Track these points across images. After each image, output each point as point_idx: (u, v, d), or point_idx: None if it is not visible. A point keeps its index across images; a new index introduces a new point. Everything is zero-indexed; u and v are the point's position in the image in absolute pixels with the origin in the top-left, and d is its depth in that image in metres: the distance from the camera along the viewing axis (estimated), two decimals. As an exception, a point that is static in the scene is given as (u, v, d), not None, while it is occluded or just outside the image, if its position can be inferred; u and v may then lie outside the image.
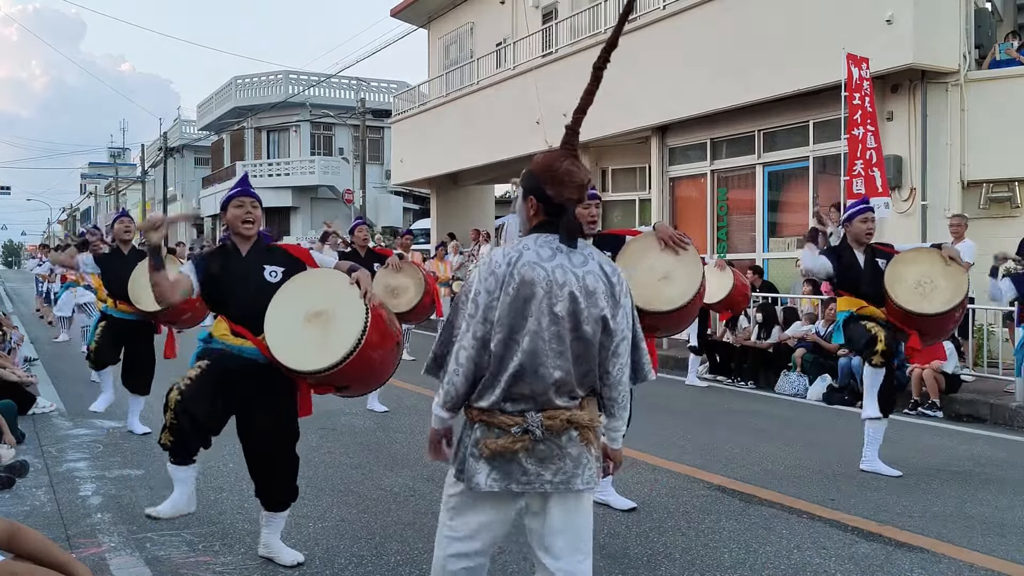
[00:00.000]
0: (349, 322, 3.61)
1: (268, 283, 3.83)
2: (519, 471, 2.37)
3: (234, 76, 36.93)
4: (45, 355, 12.26)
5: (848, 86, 10.42)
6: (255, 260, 3.90)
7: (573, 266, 2.36)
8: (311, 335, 3.67)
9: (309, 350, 3.64)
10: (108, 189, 59.27)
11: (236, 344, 3.82)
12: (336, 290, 3.72)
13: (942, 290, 5.56)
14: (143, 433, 6.84)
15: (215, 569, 3.97)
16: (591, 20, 16.69)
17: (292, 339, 3.69)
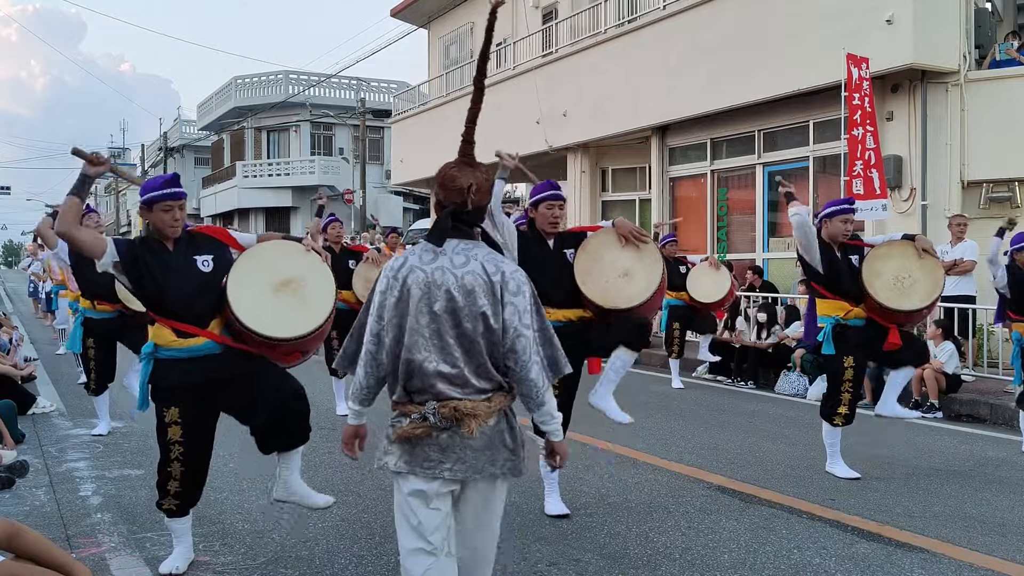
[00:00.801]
0: (321, 285, 3.84)
1: (203, 273, 3.75)
2: (423, 457, 2.56)
3: (234, 76, 36.93)
4: (45, 355, 12.26)
5: (848, 86, 10.42)
6: (184, 253, 3.76)
7: (454, 267, 2.55)
8: (287, 302, 3.78)
9: (289, 316, 3.75)
10: (108, 189, 59.26)
11: (185, 346, 3.67)
12: (296, 258, 3.89)
13: (921, 285, 5.54)
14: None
15: (215, 569, 3.97)
16: (591, 20, 16.69)
17: (267, 310, 3.73)
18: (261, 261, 3.85)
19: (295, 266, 3.84)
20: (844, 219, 5.68)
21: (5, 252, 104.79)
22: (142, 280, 3.70)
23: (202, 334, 3.69)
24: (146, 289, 3.71)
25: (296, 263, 3.86)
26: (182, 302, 3.68)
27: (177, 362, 3.68)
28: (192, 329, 3.68)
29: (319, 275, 3.85)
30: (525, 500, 5.06)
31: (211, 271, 3.76)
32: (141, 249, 3.72)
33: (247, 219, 36.53)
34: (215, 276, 3.76)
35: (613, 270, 4.68)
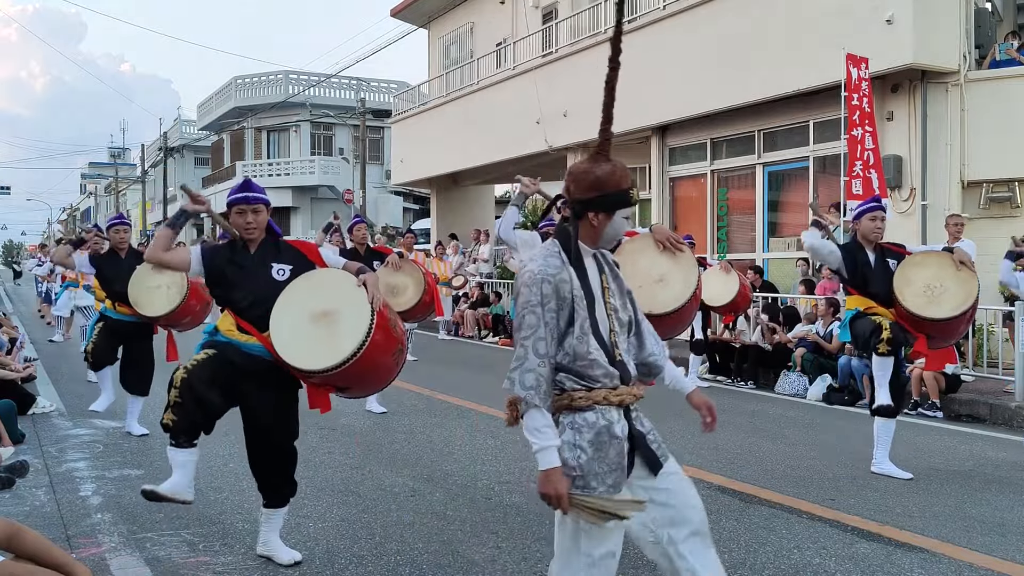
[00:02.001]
0: (354, 323, 3.65)
1: (275, 281, 3.85)
2: None
3: (234, 76, 36.94)
4: (45, 355, 12.26)
5: (848, 86, 10.42)
6: (263, 257, 3.91)
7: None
8: (316, 334, 3.70)
9: (313, 349, 3.66)
10: (108, 189, 59.27)
11: (241, 340, 3.83)
12: (343, 291, 3.76)
13: (952, 295, 5.48)
14: (141, 435, 6.82)
15: (215, 569, 3.97)
16: (591, 20, 16.70)
17: (297, 337, 3.71)
18: (311, 286, 3.84)
19: (338, 298, 3.76)
20: (872, 216, 5.70)
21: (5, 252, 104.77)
22: (213, 276, 3.90)
23: (258, 336, 3.80)
24: (217, 285, 3.92)
25: (341, 296, 3.76)
26: (246, 302, 3.84)
27: (230, 345, 3.84)
28: (251, 329, 3.81)
29: (357, 312, 3.69)
30: (525, 500, 5.06)
31: (284, 280, 3.86)
32: (225, 250, 3.97)
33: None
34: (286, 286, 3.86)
35: (648, 275, 4.61)
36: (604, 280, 2.61)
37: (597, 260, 2.63)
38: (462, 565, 4.01)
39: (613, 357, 2.55)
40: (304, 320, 3.73)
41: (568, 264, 2.53)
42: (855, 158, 10.51)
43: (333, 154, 35.39)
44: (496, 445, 6.60)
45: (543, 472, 2.42)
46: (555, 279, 2.48)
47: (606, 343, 2.55)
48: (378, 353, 3.69)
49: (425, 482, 5.49)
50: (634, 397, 2.59)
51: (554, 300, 2.47)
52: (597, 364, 2.51)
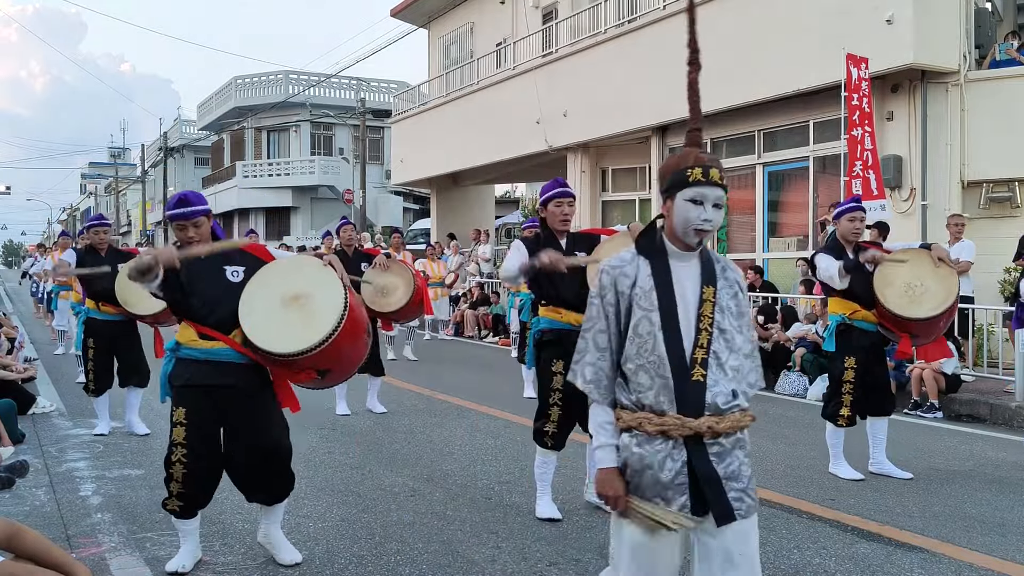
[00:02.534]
0: (329, 302, 3.67)
1: (231, 283, 3.81)
2: None
3: (234, 76, 36.95)
4: (45, 355, 12.26)
5: (848, 86, 10.42)
6: (213, 261, 3.83)
7: None
8: (291, 317, 3.69)
9: (290, 332, 3.64)
10: (108, 189, 59.26)
11: (206, 347, 3.76)
12: (310, 273, 3.79)
13: (932, 293, 5.43)
14: (144, 434, 6.81)
15: (215, 569, 3.98)
16: (591, 20, 16.70)
17: (271, 323, 3.69)
18: (276, 275, 3.83)
19: (307, 281, 3.77)
20: (851, 217, 5.69)
21: (5, 252, 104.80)
22: (167, 284, 3.78)
23: (223, 339, 3.74)
24: (172, 292, 3.81)
25: (309, 278, 3.78)
26: (205, 307, 3.78)
27: (194, 362, 3.77)
28: (214, 333, 3.75)
29: (329, 290, 3.71)
30: (525, 500, 5.06)
31: (239, 281, 3.83)
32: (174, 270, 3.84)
33: (247, 219, 36.53)
34: (243, 287, 3.82)
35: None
36: (709, 291, 2.34)
37: (708, 268, 2.38)
38: (462, 565, 4.01)
39: (686, 376, 2.29)
40: (276, 307, 3.71)
41: (641, 258, 2.37)
42: (855, 158, 10.51)
43: (333, 154, 35.39)
44: (496, 445, 6.60)
45: (598, 471, 2.38)
46: (615, 271, 2.36)
47: (680, 357, 2.29)
48: (355, 331, 3.72)
49: (425, 482, 5.49)
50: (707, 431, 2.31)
51: (611, 292, 2.35)
52: (644, 373, 2.30)
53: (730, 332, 2.36)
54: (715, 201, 2.32)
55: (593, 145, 16.91)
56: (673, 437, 2.30)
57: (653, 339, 2.29)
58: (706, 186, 2.30)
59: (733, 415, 2.40)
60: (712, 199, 2.31)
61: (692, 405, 2.30)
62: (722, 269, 2.42)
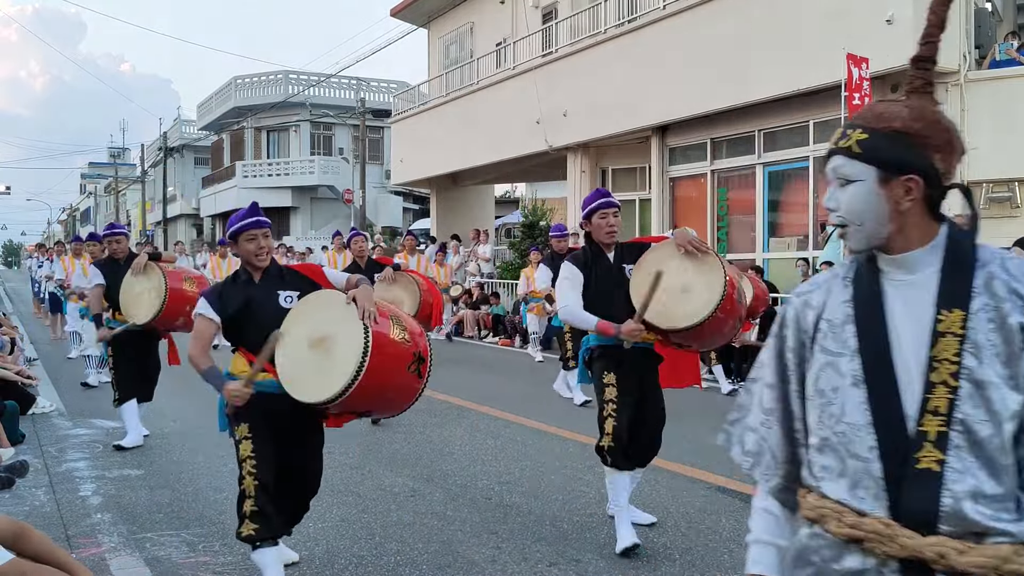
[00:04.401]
0: (350, 347, 3.33)
1: (284, 309, 3.61)
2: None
3: (234, 76, 36.95)
4: (45, 355, 12.25)
5: (848, 86, 10.42)
6: (269, 286, 3.68)
7: None
8: (316, 363, 3.43)
9: (315, 379, 3.40)
10: (108, 189, 59.28)
11: (257, 380, 3.52)
12: (335, 312, 3.45)
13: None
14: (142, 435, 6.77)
15: (215, 569, 3.97)
16: (591, 20, 16.70)
17: (299, 369, 3.45)
18: (306, 312, 3.56)
19: (332, 321, 3.44)
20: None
21: (5, 252, 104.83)
22: (227, 321, 3.64)
23: (273, 373, 3.48)
24: (230, 327, 3.67)
25: (333, 317, 3.44)
26: (259, 335, 3.50)
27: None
28: (267, 367, 3.48)
29: (351, 332, 3.35)
30: (525, 500, 5.06)
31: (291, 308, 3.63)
32: (229, 288, 3.72)
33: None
34: None
35: (671, 288, 4.10)
36: (954, 318, 1.41)
37: (955, 278, 1.47)
38: (462, 565, 4.01)
39: (905, 461, 1.37)
40: (303, 349, 3.45)
41: (842, 279, 1.55)
42: (855, 158, 10.50)
43: (333, 154, 35.39)
44: (496, 445, 6.60)
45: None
46: (798, 301, 1.60)
47: (896, 428, 1.40)
48: (384, 371, 3.38)
49: (425, 482, 5.49)
50: (939, 562, 1.33)
51: (793, 331, 1.58)
52: (831, 452, 1.46)
53: (992, 387, 1.36)
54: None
55: (593, 145, 16.90)
56: (876, 555, 1.39)
57: (842, 399, 1.45)
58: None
59: (997, 545, 1.32)
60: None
61: (915, 511, 1.36)
62: (987, 278, 1.45)
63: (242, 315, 3.64)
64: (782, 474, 1.61)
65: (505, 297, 16.35)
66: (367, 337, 3.31)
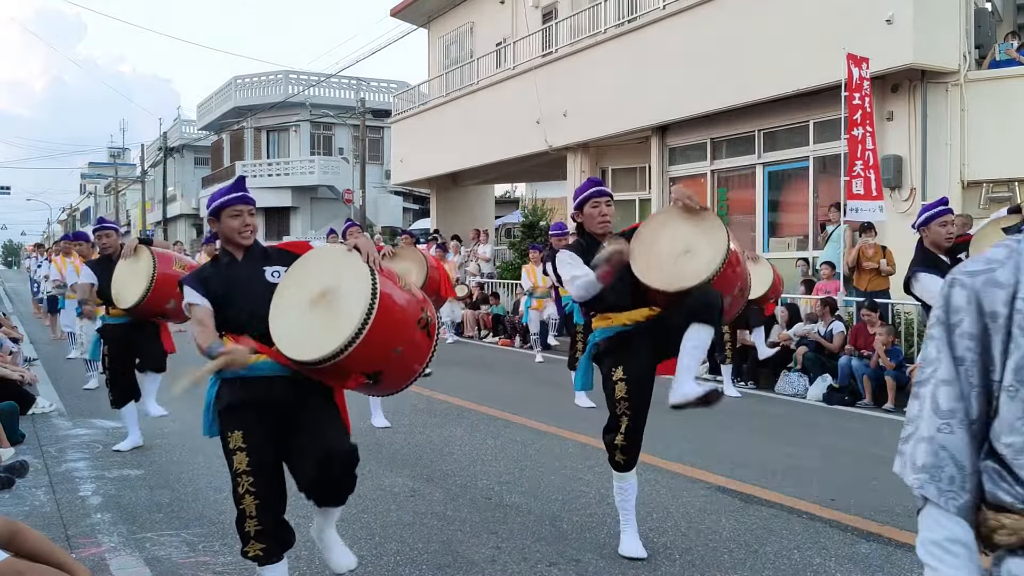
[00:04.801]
0: (355, 294, 3.06)
1: (271, 284, 3.36)
2: None
3: (234, 76, 36.96)
4: (45, 355, 12.25)
5: (848, 86, 10.42)
6: (253, 264, 3.44)
7: None
8: (318, 317, 3.15)
9: (317, 334, 3.10)
10: (108, 189, 59.27)
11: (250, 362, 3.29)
12: (336, 262, 3.22)
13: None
14: (160, 415, 6.73)
15: (215, 569, 3.97)
16: (591, 20, 16.70)
17: (300, 326, 3.19)
18: (303, 271, 3.33)
19: (332, 273, 3.20)
20: (942, 222, 5.07)
21: (5, 252, 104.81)
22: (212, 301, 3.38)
23: (267, 352, 3.25)
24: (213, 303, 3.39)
25: (334, 269, 3.20)
26: (244, 315, 3.33)
27: (240, 380, 3.31)
28: (259, 346, 3.26)
29: (355, 280, 3.10)
30: (525, 500, 5.06)
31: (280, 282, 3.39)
32: (211, 270, 3.50)
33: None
34: None
35: (672, 252, 4.02)
36: None
37: None
38: (462, 565, 4.01)
39: None
40: (304, 307, 3.20)
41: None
42: (855, 158, 10.51)
43: (333, 154, 35.40)
44: (496, 445, 6.60)
45: None
46: (973, 281, 1.38)
47: None
48: (394, 320, 3.11)
49: (425, 482, 5.49)
50: None
51: (970, 317, 1.37)
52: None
53: None
54: None
55: (593, 145, 16.90)
56: None
57: None
58: None
59: None
60: None
61: None
62: None
63: (227, 296, 3.38)
64: (970, 488, 1.35)
65: (505, 297, 16.34)
66: (374, 279, 3.06)
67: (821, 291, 10.65)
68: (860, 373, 8.85)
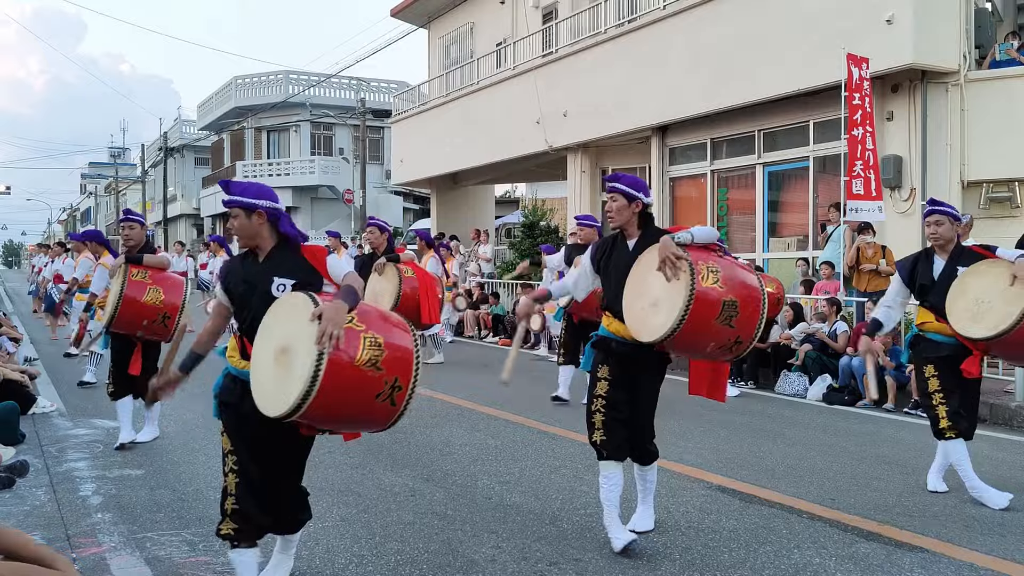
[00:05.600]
0: (303, 366, 3.05)
1: (272, 297, 3.40)
2: None
3: (234, 76, 36.98)
4: (45, 355, 12.25)
5: (848, 86, 10.42)
6: (268, 270, 3.47)
7: None
8: (277, 373, 3.20)
9: (272, 390, 3.19)
10: (108, 189, 59.28)
11: (240, 368, 3.47)
12: (300, 325, 3.13)
13: (995, 312, 4.79)
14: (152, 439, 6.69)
15: (215, 569, 3.98)
16: (591, 20, 16.70)
17: (263, 376, 3.26)
18: (277, 317, 3.32)
19: (296, 333, 3.15)
20: (927, 222, 5.28)
21: (5, 252, 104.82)
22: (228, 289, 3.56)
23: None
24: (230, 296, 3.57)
25: (299, 330, 3.14)
26: (247, 322, 3.44)
27: (232, 378, 3.52)
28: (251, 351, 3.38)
29: (308, 352, 3.06)
30: (525, 500, 5.06)
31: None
32: (237, 264, 3.60)
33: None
34: None
35: (646, 297, 4.08)
36: None
37: None
38: (462, 565, 4.01)
39: None
40: (270, 356, 3.24)
41: None
42: (855, 158, 10.52)
43: (333, 154, 35.41)
44: (496, 445, 6.60)
45: None
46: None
47: None
48: (342, 398, 3.12)
49: (425, 482, 5.49)
50: None
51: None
52: None
53: None
54: None
55: (593, 145, 16.91)
56: None
57: None
58: None
59: None
60: None
61: None
62: None
63: (241, 296, 3.50)
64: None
65: (505, 297, 16.34)
66: (320, 362, 3.02)
67: (821, 291, 10.65)
68: (860, 373, 8.84)
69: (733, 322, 3.96)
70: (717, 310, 3.91)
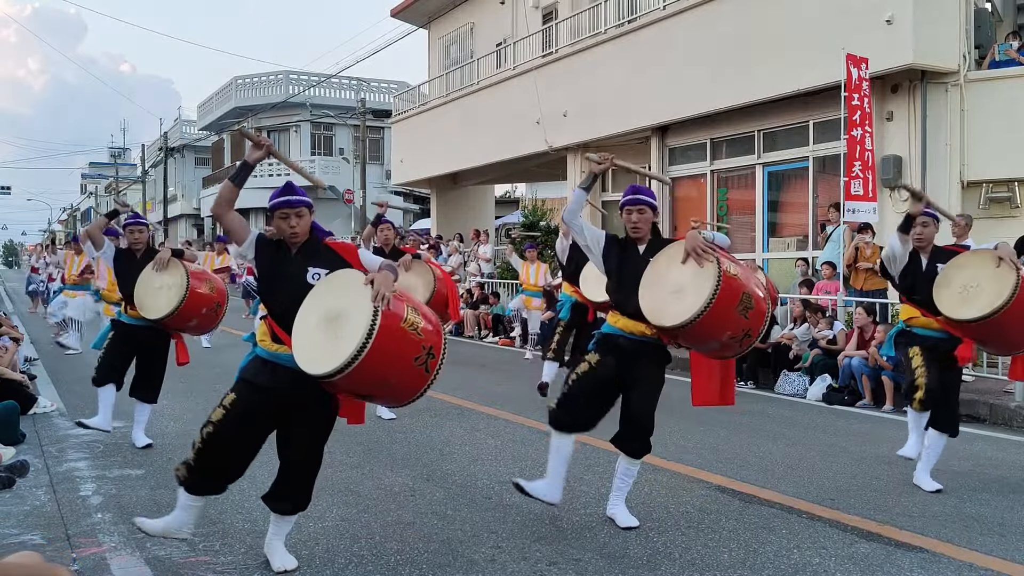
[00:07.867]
0: (358, 325, 3.40)
1: (310, 286, 3.71)
2: None
3: (234, 76, 36.99)
4: (45, 355, 12.25)
5: (848, 86, 10.43)
6: (302, 261, 3.83)
7: None
8: (326, 337, 3.51)
9: (320, 353, 3.47)
10: (108, 189, 59.25)
11: (273, 351, 3.74)
12: (353, 290, 3.53)
13: (986, 293, 5.01)
14: (144, 446, 6.67)
15: (215, 569, 3.97)
16: (591, 20, 16.70)
17: (310, 341, 3.55)
18: (327, 288, 3.67)
19: (348, 299, 3.52)
20: (917, 223, 5.67)
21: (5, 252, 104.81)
22: (259, 268, 3.89)
23: (291, 346, 3.62)
24: (260, 280, 3.94)
25: (350, 295, 3.52)
26: (281, 307, 3.74)
27: (264, 361, 3.78)
28: (284, 337, 3.67)
29: (361, 313, 3.41)
30: (525, 501, 5.06)
31: None
32: (269, 249, 3.92)
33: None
34: None
35: (669, 285, 4.32)
36: None
37: None
38: (462, 565, 4.01)
39: None
40: (319, 323, 3.55)
41: None
42: (855, 158, 10.52)
43: (333, 154, 35.41)
44: (496, 445, 6.60)
45: None
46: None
47: None
48: (388, 356, 3.41)
49: (425, 482, 5.50)
50: None
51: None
52: None
53: None
54: None
55: (593, 145, 16.88)
56: None
57: None
58: None
59: None
60: None
61: None
62: None
63: (271, 281, 3.85)
64: None
65: (505, 297, 16.34)
66: (375, 318, 3.37)
67: (821, 291, 10.64)
68: (860, 373, 8.85)
69: (749, 314, 4.24)
70: (738, 298, 4.20)
